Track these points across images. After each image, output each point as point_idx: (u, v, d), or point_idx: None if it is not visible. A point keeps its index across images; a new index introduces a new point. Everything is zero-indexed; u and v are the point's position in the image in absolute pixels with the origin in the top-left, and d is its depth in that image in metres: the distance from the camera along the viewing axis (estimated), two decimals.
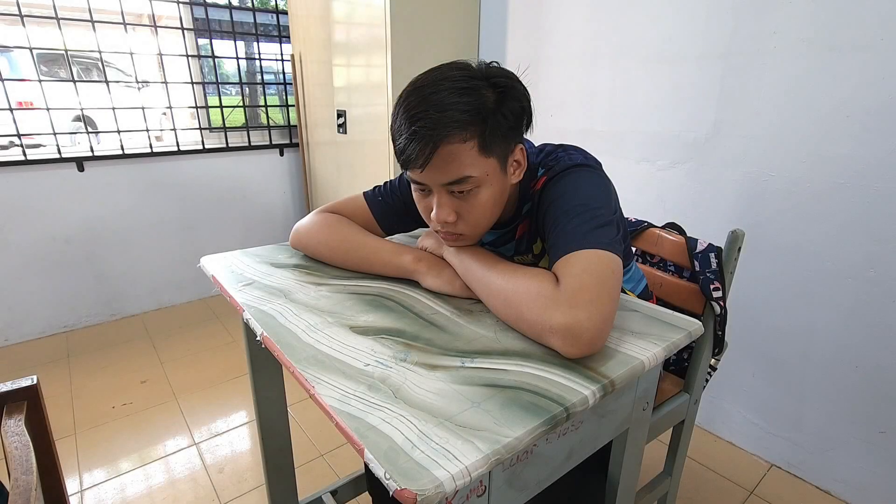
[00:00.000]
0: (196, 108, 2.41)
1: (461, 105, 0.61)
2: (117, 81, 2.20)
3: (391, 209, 0.86)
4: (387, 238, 0.86)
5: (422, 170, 0.64)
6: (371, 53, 1.81)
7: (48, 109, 1.97)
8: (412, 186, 0.71)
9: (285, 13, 2.42)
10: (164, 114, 2.38)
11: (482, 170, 0.65)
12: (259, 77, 2.57)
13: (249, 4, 2.47)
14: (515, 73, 0.69)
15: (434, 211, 0.68)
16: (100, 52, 2.05)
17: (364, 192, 0.88)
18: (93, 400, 1.73)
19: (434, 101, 0.62)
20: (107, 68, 2.10)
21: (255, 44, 2.46)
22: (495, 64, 0.67)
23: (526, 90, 0.68)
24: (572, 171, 0.71)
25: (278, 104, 2.70)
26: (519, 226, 0.80)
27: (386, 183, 0.88)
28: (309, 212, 2.79)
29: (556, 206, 0.68)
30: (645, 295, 0.92)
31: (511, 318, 0.62)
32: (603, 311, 0.55)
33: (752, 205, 1.35)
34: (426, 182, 0.66)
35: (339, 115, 2.10)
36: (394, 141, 0.66)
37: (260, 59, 2.51)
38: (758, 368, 1.44)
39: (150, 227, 2.32)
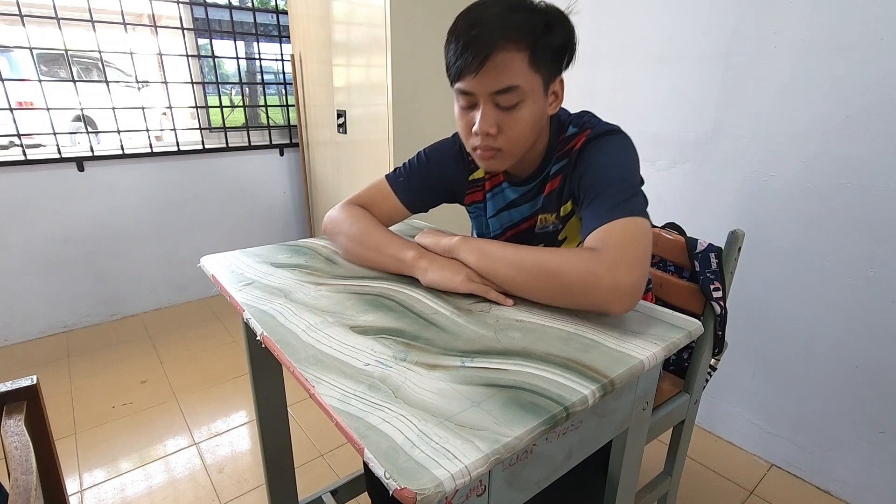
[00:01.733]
0: (196, 108, 2.41)
1: (516, 20, 0.66)
2: (117, 81, 2.20)
3: (411, 186, 0.90)
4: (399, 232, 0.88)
5: (475, 74, 0.67)
6: (371, 53, 1.81)
7: (48, 109, 1.97)
8: (457, 103, 0.74)
9: (285, 13, 2.42)
10: (164, 114, 2.38)
11: (529, 83, 0.68)
12: (259, 77, 2.57)
13: (249, 4, 2.47)
14: None
15: (477, 123, 0.71)
16: (100, 52, 2.05)
17: (386, 175, 0.93)
18: (93, 400, 1.73)
19: (491, 13, 0.66)
20: (107, 68, 2.10)
21: (255, 44, 2.46)
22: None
23: (573, 27, 0.72)
24: (610, 136, 0.76)
25: (278, 104, 2.70)
26: (548, 183, 0.81)
27: (404, 163, 0.92)
28: (309, 212, 2.78)
29: (594, 173, 0.73)
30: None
31: (549, 286, 0.65)
32: (643, 270, 0.62)
33: (752, 205, 1.35)
34: (475, 90, 0.69)
35: (339, 115, 2.10)
36: (447, 56, 0.69)
37: (260, 59, 2.51)
38: (758, 368, 1.44)
39: (150, 226, 2.32)
